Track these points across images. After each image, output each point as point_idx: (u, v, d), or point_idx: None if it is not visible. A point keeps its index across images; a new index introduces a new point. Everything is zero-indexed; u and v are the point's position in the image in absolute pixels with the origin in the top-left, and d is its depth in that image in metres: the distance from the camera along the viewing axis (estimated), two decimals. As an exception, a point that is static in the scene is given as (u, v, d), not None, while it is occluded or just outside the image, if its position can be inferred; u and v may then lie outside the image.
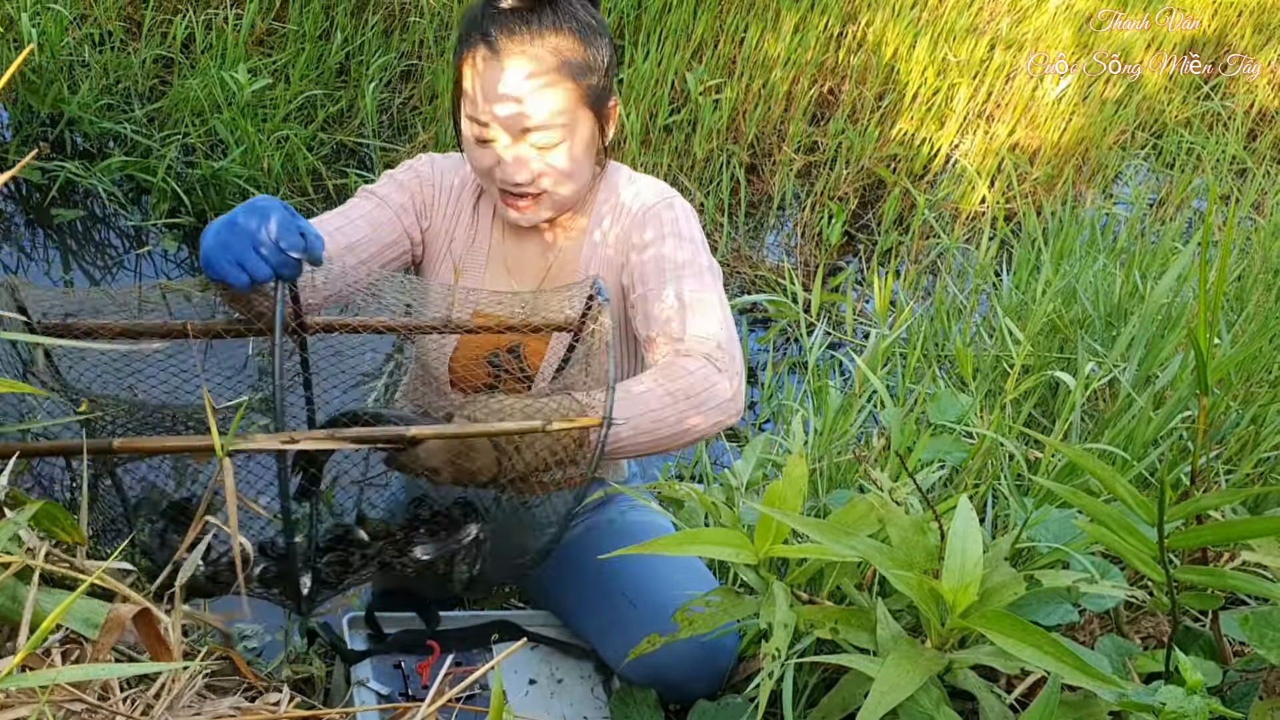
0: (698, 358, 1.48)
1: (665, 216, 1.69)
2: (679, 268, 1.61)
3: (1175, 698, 1.00)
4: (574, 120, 1.63)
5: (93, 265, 3.15)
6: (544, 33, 1.58)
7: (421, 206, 1.81)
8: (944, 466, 2.02)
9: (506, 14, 1.59)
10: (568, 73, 1.60)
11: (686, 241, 1.66)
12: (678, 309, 1.55)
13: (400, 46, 3.95)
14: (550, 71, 1.59)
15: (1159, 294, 2.52)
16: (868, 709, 1.05)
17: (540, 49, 1.59)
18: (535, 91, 1.59)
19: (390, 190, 1.78)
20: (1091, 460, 1.20)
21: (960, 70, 4.58)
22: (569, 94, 1.61)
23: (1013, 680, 1.48)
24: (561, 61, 1.60)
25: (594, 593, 1.84)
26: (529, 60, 1.58)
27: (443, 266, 1.82)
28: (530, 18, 1.59)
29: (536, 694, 1.85)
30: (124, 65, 3.52)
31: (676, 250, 1.64)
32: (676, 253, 1.64)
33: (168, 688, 1.12)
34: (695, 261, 1.63)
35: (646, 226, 1.69)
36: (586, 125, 1.65)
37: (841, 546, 1.19)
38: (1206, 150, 4.88)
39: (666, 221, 1.68)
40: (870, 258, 4.05)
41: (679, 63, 4.11)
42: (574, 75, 1.61)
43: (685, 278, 1.60)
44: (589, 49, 1.62)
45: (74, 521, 1.09)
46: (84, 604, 1.05)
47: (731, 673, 1.76)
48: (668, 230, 1.67)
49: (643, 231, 1.69)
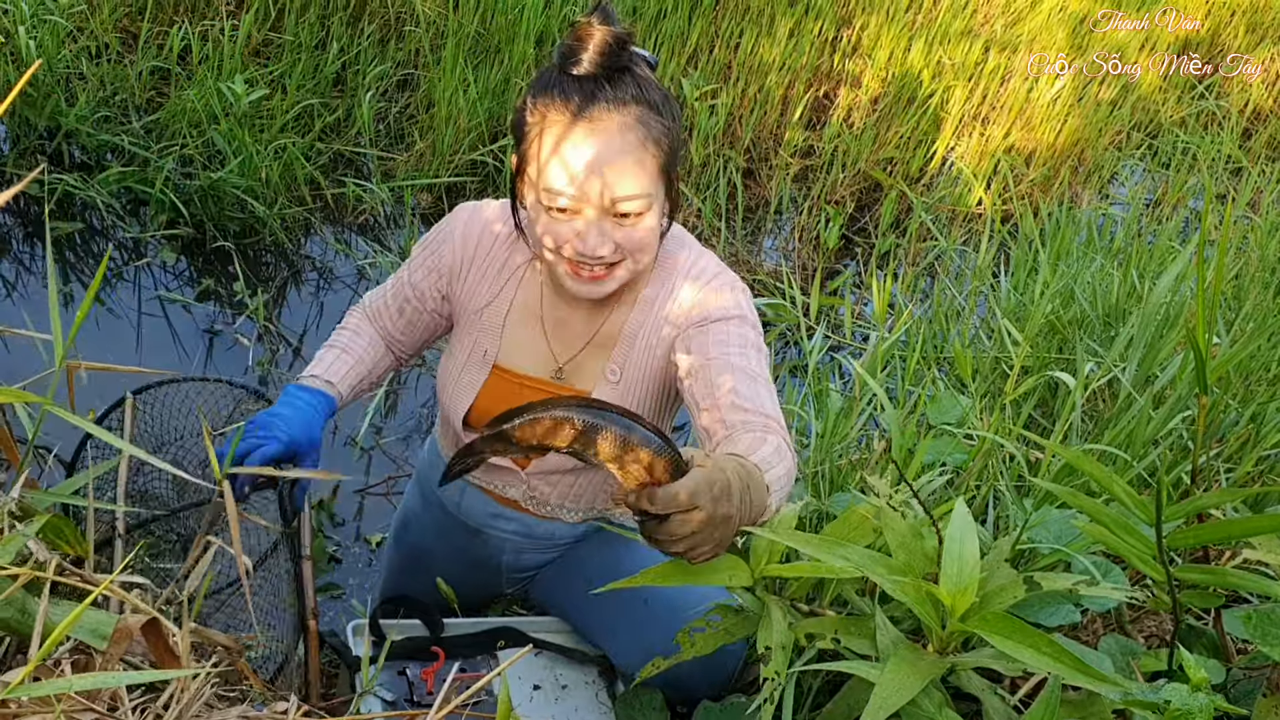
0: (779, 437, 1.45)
1: (729, 298, 1.66)
2: (746, 345, 1.61)
3: (1180, 695, 1.01)
4: (656, 190, 1.57)
5: (91, 278, 3.15)
6: (627, 101, 1.50)
7: (451, 276, 1.77)
8: (945, 469, 2.02)
9: (587, 80, 1.50)
10: (652, 142, 1.53)
11: (751, 328, 1.65)
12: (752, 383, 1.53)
13: (396, 56, 3.96)
14: (638, 142, 1.52)
15: (1158, 294, 2.53)
16: (869, 714, 1.05)
17: (627, 117, 1.50)
18: (624, 164, 1.51)
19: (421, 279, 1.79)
20: (1089, 461, 1.21)
21: (955, 73, 4.60)
22: (654, 163, 1.54)
23: (1016, 681, 1.48)
24: (647, 130, 1.52)
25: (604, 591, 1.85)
26: (618, 130, 1.50)
27: (464, 322, 1.80)
28: (614, 85, 1.50)
29: (541, 699, 1.86)
30: (121, 77, 3.53)
31: (744, 328, 1.63)
32: (746, 330, 1.63)
33: (176, 697, 1.12)
34: (753, 343, 1.62)
35: (711, 304, 1.66)
36: (663, 193, 1.59)
37: (837, 560, 1.20)
38: (1202, 150, 4.89)
39: (731, 305, 1.65)
40: (868, 261, 4.06)
41: (675, 69, 4.12)
42: (657, 144, 1.54)
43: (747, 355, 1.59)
44: (666, 117, 1.55)
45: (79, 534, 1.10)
46: (92, 615, 1.06)
47: (740, 673, 1.77)
48: (732, 311, 1.64)
49: (706, 308, 1.65)
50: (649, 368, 1.72)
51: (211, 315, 3.14)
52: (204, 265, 3.29)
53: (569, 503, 1.91)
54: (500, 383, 1.79)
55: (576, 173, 1.50)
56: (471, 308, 1.78)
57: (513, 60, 3.88)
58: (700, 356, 1.59)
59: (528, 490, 1.89)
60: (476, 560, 1.99)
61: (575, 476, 1.87)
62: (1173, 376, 2.43)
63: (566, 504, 1.92)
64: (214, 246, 3.31)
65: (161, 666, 1.13)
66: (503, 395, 1.79)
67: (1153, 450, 2.28)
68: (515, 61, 3.88)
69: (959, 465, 2.11)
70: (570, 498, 1.91)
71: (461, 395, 1.80)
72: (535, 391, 1.78)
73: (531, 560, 2.02)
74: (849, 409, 2.48)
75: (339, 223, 3.58)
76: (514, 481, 1.89)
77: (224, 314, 3.15)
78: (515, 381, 1.78)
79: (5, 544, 0.96)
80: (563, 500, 1.91)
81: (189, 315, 3.11)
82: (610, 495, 1.91)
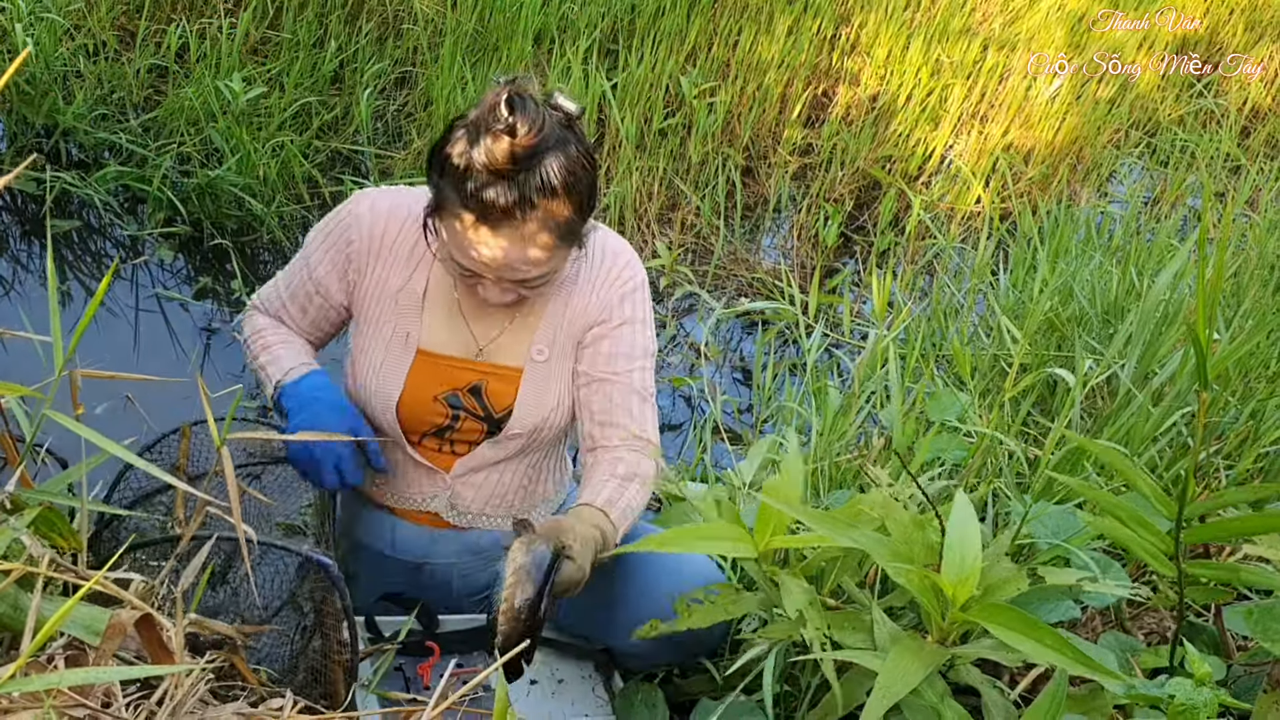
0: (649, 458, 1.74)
1: (637, 298, 1.79)
2: (644, 357, 1.79)
3: (1184, 689, 1.00)
4: (563, 260, 1.65)
5: (89, 276, 3.14)
6: (535, 204, 1.53)
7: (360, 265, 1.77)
8: (944, 466, 2.02)
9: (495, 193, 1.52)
10: (559, 230, 1.57)
11: (647, 325, 1.81)
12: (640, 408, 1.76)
13: (394, 53, 3.95)
14: (544, 239, 1.56)
15: (1156, 291, 2.52)
16: (873, 703, 1.05)
17: (531, 223, 1.54)
18: (529, 256, 1.57)
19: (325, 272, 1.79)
20: (1112, 451, 1.20)
21: (954, 71, 4.59)
22: (563, 244, 1.60)
23: (1016, 677, 1.48)
24: (554, 223, 1.56)
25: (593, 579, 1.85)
26: (522, 238, 1.55)
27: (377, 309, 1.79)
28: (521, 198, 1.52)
29: (538, 694, 1.85)
30: (118, 75, 3.52)
31: (641, 336, 1.79)
32: (641, 339, 1.79)
33: (170, 694, 1.12)
34: (649, 350, 1.80)
35: (618, 301, 1.78)
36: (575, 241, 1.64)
37: (840, 536, 1.19)
38: (1200, 148, 4.89)
39: (638, 302, 1.79)
40: (866, 259, 4.05)
41: (673, 67, 4.11)
42: (569, 233, 1.59)
43: (646, 370, 1.79)
44: (578, 198, 1.57)
45: (72, 528, 1.09)
46: (85, 610, 1.05)
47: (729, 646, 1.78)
48: (638, 314, 1.79)
49: (616, 304, 1.78)
50: (570, 346, 1.80)
51: (209, 313, 3.13)
52: (201, 263, 3.28)
53: (489, 509, 1.91)
54: (427, 365, 1.79)
55: (482, 260, 1.58)
56: (386, 292, 1.78)
57: (511, 58, 3.88)
58: (605, 368, 1.77)
59: (450, 499, 1.88)
60: (426, 590, 1.96)
61: (500, 474, 1.88)
62: (1172, 373, 2.42)
63: (487, 510, 1.91)
64: (211, 244, 3.30)
65: (156, 663, 1.13)
66: (431, 378, 1.79)
67: (1152, 447, 2.27)
68: (513, 60, 3.88)
69: (958, 462, 2.11)
70: (491, 502, 1.90)
71: (388, 383, 1.79)
72: (463, 371, 1.79)
73: (484, 579, 2.01)
74: (847, 406, 2.47)
75: (337, 221, 3.56)
76: (438, 490, 1.88)
77: (221, 312, 3.14)
78: (442, 363, 1.79)
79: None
80: (484, 506, 1.90)
81: (186, 313, 3.11)
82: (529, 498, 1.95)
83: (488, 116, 1.51)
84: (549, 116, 1.53)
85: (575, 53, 3.89)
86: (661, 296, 3.64)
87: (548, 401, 1.80)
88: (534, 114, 1.50)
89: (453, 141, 1.56)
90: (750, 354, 3.53)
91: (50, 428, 1.40)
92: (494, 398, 1.80)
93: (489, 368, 1.79)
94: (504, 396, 1.79)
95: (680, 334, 3.53)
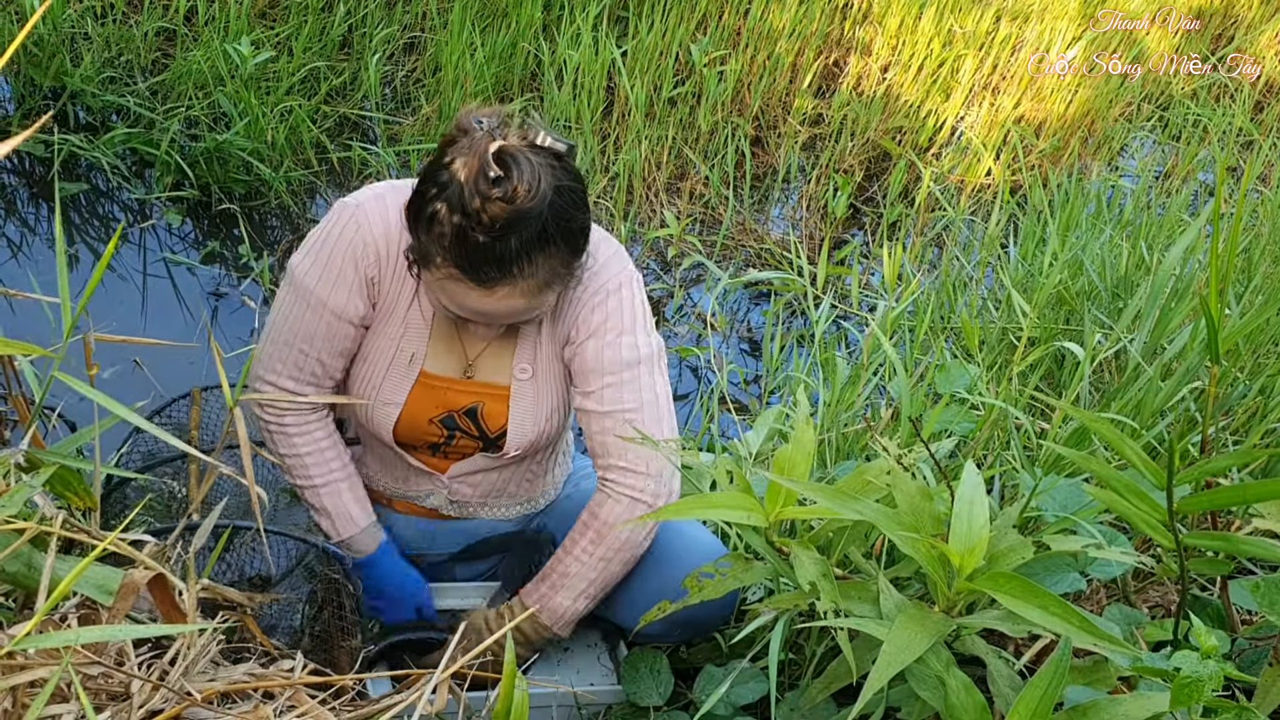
0: (622, 499, 1.68)
1: (610, 305, 1.69)
2: (625, 369, 1.68)
3: (1190, 662, 1.01)
4: (557, 294, 1.60)
5: (97, 240, 3.14)
6: (534, 261, 1.47)
7: (378, 284, 1.68)
8: (950, 436, 2.02)
9: (484, 257, 1.46)
10: (555, 279, 1.54)
11: (625, 333, 1.69)
12: (621, 434, 1.67)
13: (403, 19, 3.93)
14: (539, 289, 1.52)
15: (1167, 265, 2.51)
16: (878, 670, 1.05)
17: (529, 281, 1.49)
18: (523, 307, 1.54)
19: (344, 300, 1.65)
20: (1102, 423, 1.20)
21: (966, 42, 4.56)
22: (556, 288, 1.57)
23: (1020, 648, 1.49)
24: (549, 274, 1.51)
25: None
26: (517, 292, 1.51)
27: (386, 324, 1.73)
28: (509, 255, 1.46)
29: (543, 662, 1.86)
30: (126, 38, 3.50)
31: (612, 349, 1.68)
32: (612, 352, 1.68)
33: (183, 654, 1.13)
34: (631, 360, 1.69)
35: (589, 312, 1.69)
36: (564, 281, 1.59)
37: (848, 510, 1.20)
38: (1213, 123, 4.85)
39: (611, 310, 1.69)
40: (875, 231, 4.04)
41: (683, 34, 4.08)
42: (563, 275, 1.55)
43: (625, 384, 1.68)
44: (572, 242, 1.52)
45: (86, 487, 1.10)
46: (98, 570, 1.06)
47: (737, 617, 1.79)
48: (610, 323, 1.68)
49: (586, 315, 1.69)
50: (554, 356, 1.74)
51: (217, 278, 3.13)
52: (209, 228, 3.28)
53: (490, 500, 1.91)
54: (425, 388, 1.74)
55: (475, 310, 1.54)
56: (396, 310, 1.69)
57: (520, 24, 3.85)
58: (584, 386, 1.69)
59: (448, 495, 1.88)
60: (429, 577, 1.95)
61: (498, 473, 1.87)
62: (1182, 347, 2.42)
63: (488, 501, 1.91)
64: (219, 209, 3.29)
65: (168, 623, 1.14)
66: (428, 401, 1.75)
67: (1161, 421, 2.27)
68: (523, 25, 3.85)
69: (966, 435, 2.11)
70: (492, 495, 1.90)
71: (387, 404, 1.73)
72: (459, 394, 1.75)
73: (483, 568, 2.02)
74: (855, 377, 2.47)
75: (344, 186, 3.55)
76: (435, 489, 1.88)
77: (229, 277, 3.14)
78: (439, 386, 1.74)
79: (12, 494, 0.95)
80: (484, 499, 1.90)
81: (194, 278, 3.11)
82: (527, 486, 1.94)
83: (476, 178, 1.42)
84: (539, 167, 1.44)
85: (585, 19, 3.87)
86: (669, 266, 3.63)
87: (540, 418, 1.77)
88: (526, 170, 1.42)
89: (435, 199, 1.46)
90: (757, 325, 3.53)
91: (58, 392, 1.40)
92: (489, 419, 1.77)
93: (480, 388, 1.75)
94: (499, 416, 1.76)
95: (687, 304, 3.52)
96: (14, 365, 1.32)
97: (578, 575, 1.71)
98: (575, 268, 1.57)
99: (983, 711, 1.12)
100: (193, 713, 1.09)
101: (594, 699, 1.79)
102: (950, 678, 1.14)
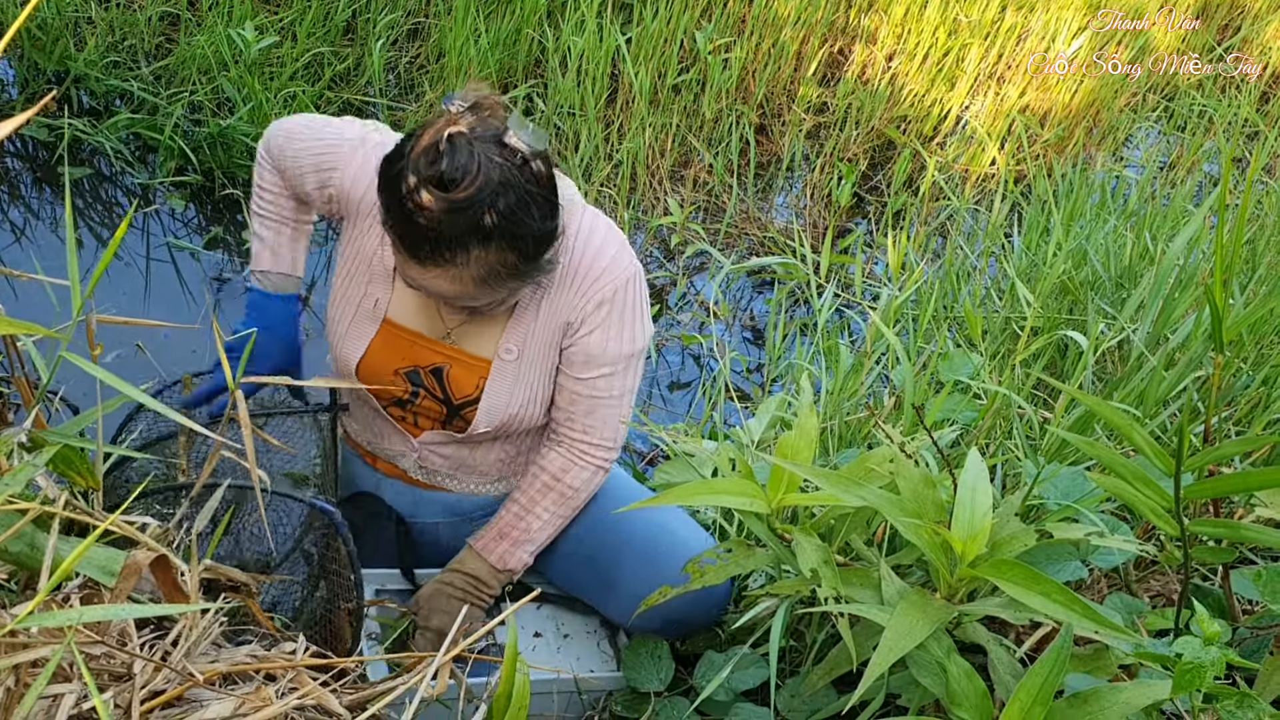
0: (589, 467, 1.80)
1: (616, 301, 1.71)
2: (615, 362, 1.74)
3: (1192, 648, 1.01)
4: (515, 291, 1.62)
5: (100, 224, 3.14)
6: (468, 250, 1.47)
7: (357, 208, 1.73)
8: (953, 425, 2.02)
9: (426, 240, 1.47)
10: (500, 276, 1.53)
11: (626, 328, 1.73)
12: (599, 415, 1.77)
13: (407, 4, 3.91)
14: (479, 280, 1.52)
15: (1171, 255, 2.51)
16: (879, 656, 1.05)
17: (464, 269, 1.50)
18: (464, 293, 1.55)
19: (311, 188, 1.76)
20: (1110, 408, 1.20)
21: (971, 30, 4.54)
22: (506, 285, 1.56)
23: (1021, 636, 1.49)
24: (490, 270, 1.51)
25: (593, 549, 1.87)
26: (454, 278, 1.51)
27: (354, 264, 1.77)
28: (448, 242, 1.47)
29: (543, 647, 1.87)
30: (130, 22, 3.50)
31: (615, 342, 1.73)
32: (615, 346, 1.73)
33: (185, 635, 1.13)
34: (627, 353, 1.75)
35: (594, 307, 1.70)
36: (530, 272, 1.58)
37: (851, 495, 1.20)
38: (1218, 114, 4.84)
39: (615, 306, 1.71)
40: (879, 219, 4.03)
41: (688, 21, 4.07)
42: (512, 275, 1.54)
43: (614, 375, 1.75)
44: (519, 245, 1.50)
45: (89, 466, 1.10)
46: (101, 551, 1.06)
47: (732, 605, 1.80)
48: (613, 318, 1.71)
49: (591, 310, 1.70)
50: (546, 344, 1.74)
51: (220, 263, 3.13)
52: (212, 213, 3.28)
53: (460, 474, 1.91)
54: (391, 337, 1.76)
55: (414, 283, 1.57)
56: (362, 253, 1.75)
57: (524, 10, 3.84)
58: (572, 372, 1.74)
59: (418, 460, 1.88)
60: (417, 546, 1.98)
61: (469, 450, 1.87)
62: (1185, 337, 2.41)
63: (458, 475, 1.91)
64: (223, 194, 3.29)
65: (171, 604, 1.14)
66: (394, 350, 1.77)
67: (1164, 411, 2.27)
68: (527, 12, 3.84)
69: (969, 423, 2.11)
70: (462, 470, 1.90)
71: (350, 346, 1.78)
72: (428, 351, 1.76)
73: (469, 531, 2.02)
74: (858, 366, 2.47)
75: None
76: (406, 450, 1.89)
77: (232, 262, 3.14)
78: (407, 338, 1.76)
79: (16, 473, 0.96)
80: (453, 472, 1.90)
81: (197, 263, 3.10)
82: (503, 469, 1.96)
83: (419, 158, 1.43)
84: (485, 162, 1.43)
85: (590, 5, 3.86)
86: (673, 254, 3.62)
87: (515, 400, 1.76)
88: (466, 161, 1.42)
89: (392, 162, 1.48)
90: (760, 313, 3.52)
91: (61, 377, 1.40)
92: (454, 384, 1.77)
93: (455, 352, 1.75)
94: (465, 385, 1.77)
95: (690, 291, 3.52)
96: (18, 347, 1.32)
97: (539, 531, 1.82)
98: (528, 272, 1.56)
99: (983, 698, 1.12)
100: (195, 693, 1.09)
101: (595, 684, 1.80)
102: (951, 664, 1.14)
